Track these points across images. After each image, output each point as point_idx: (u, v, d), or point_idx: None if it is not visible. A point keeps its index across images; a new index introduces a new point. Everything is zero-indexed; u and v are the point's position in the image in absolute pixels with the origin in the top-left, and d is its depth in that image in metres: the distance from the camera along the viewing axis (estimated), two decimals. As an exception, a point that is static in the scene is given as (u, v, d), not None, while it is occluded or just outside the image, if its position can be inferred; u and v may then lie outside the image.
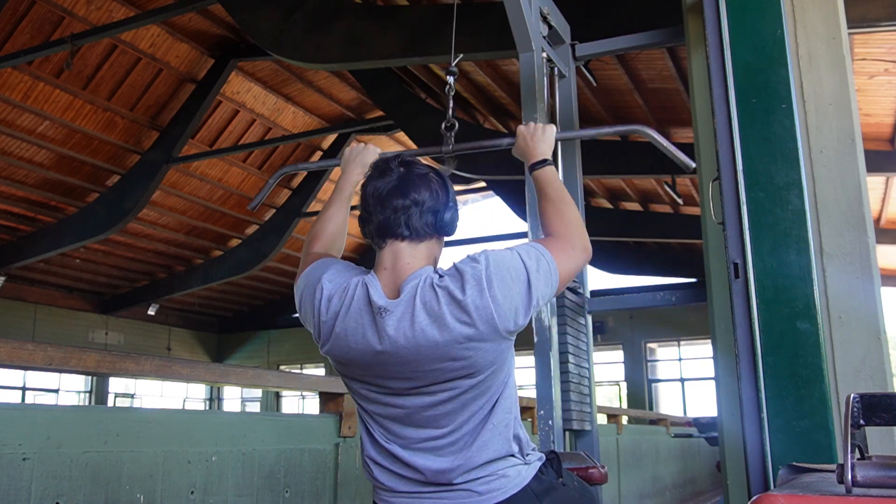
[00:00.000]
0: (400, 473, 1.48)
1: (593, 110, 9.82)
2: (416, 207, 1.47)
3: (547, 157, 1.81)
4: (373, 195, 1.50)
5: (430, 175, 1.52)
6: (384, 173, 1.51)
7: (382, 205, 1.47)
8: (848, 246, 2.52)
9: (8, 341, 1.84)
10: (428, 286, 1.40)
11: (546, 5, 2.97)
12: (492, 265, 1.39)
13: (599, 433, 3.14)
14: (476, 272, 1.38)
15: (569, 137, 2.25)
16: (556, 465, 1.58)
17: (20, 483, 1.79)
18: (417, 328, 1.37)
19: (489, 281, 1.37)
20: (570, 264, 1.52)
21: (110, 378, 15.61)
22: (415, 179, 1.49)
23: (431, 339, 1.36)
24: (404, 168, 1.51)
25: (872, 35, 6.41)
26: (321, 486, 2.78)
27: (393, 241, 1.48)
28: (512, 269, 1.40)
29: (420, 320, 1.37)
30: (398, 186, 1.48)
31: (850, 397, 1.14)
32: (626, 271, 15.52)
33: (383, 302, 1.41)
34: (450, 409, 1.43)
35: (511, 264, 1.41)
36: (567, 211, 1.63)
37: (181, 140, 11.77)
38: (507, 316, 1.37)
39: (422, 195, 1.48)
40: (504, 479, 1.45)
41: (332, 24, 7.28)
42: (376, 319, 1.40)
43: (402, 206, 1.46)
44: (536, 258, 1.45)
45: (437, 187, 1.51)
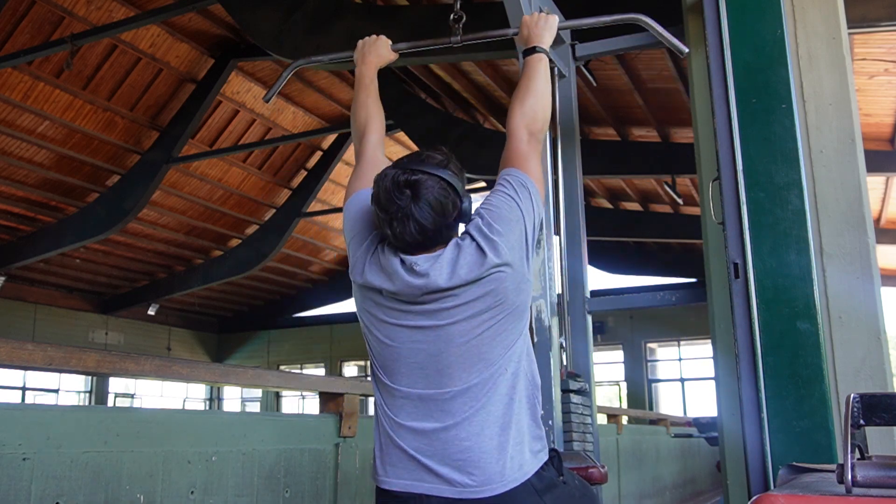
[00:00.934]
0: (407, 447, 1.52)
1: (593, 110, 9.82)
2: (438, 229, 1.51)
3: (542, 44, 1.91)
4: (390, 229, 1.50)
5: (437, 188, 1.50)
6: (393, 200, 1.48)
7: (406, 237, 1.50)
8: (848, 246, 2.52)
9: (8, 341, 1.84)
10: (453, 246, 1.54)
11: (546, 5, 2.96)
12: (485, 214, 1.56)
13: (599, 433, 3.13)
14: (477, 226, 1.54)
15: (568, 26, 2.35)
16: (558, 462, 1.58)
17: (20, 483, 1.79)
18: (446, 270, 1.50)
19: (491, 226, 1.53)
20: (532, 162, 1.69)
21: (110, 378, 15.61)
22: (425, 207, 1.48)
23: (459, 274, 1.49)
24: (411, 190, 1.48)
25: (872, 35, 6.41)
26: (321, 486, 2.78)
27: (421, 251, 1.54)
28: (503, 205, 1.58)
29: (447, 266, 1.50)
30: (415, 219, 1.48)
31: (850, 397, 1.14)
32: (626, 271, 15.53)
33: (413, 258, 1.52)
34: (465, 353, 1.50)
35: (500, 202, 1.59)
36: (524, 101, 1.77)
37: (181, 140, 11.76)
38: (516, 245, 1.54)
39: (438, 216, 1.50)
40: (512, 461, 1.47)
41: (332, 24, 7.28)
42: (407, 270, 1.52)
43: (424, 234, 1.50)
44: (512, 184, 1.62)
45: (448, 194, 1.51)
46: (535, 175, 1.67)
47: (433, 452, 1.48)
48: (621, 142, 10.60)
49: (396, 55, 2.17)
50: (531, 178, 1.64)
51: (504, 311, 1.52)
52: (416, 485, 1.48)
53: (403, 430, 1.52)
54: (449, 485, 1.46)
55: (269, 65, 11.71)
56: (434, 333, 1.52)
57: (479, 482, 1.44)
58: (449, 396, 1.49)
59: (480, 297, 1.50)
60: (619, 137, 10.60)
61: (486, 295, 1.50)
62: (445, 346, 1.50)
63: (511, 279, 1.52)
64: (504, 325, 1.52)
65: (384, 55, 2.13)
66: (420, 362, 1.52)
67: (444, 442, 1.48)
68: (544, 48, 1.91)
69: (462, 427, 1.47)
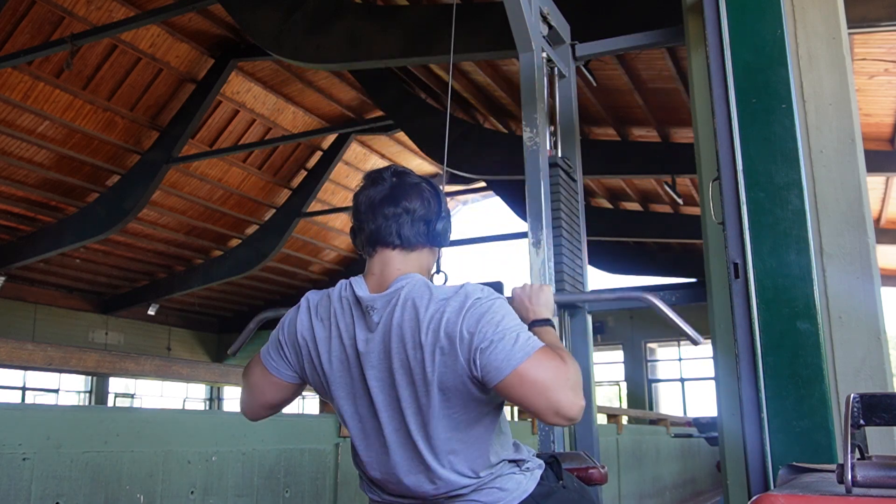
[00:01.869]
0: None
1: (593, 110, 9.82)
2: (407, 216, 1.47)
3: (546, 316, 1.68)
4: (364, 203, 1.49)
5: (422, 185, 1.52)
6: (376, 182, 1.50)
7: (374, 213, 1.47)
8: (848, 246, 2.52)
9: (8, 341, 1.84)
10: (421, 283, 1.40)
11: (546, 5, 2.96)
12: (493, 303, 1.36)
13: (599, 433, 3.14)
14: (474, 296, 1.36)
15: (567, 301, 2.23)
16: (556, 468, 1.58)
17: (20, 483, 1.79)
18: (398, 315, 1.37)
19: (480, 310, 1.33)
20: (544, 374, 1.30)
21: (110, 378, 15.61)
22: (407, 188, 1.49)
23: (412, 327, 1.36)
24: (396, 178, 1.51)
25: (872, 35, 6.41)
26: (321, 486, 2.78)
27: (383, 250, 1.48)
28: (505, 319, 1.35)
29: (402, 309, 1.37)
30: (390, 195, 1.47)
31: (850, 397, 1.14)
32: (626, 271, 15.52)
33: (367, 295, 1.42)
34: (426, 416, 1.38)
35: (506, 316, 1.36)
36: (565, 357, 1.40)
37: (181, 140, 11.77)
38: (470, 351, 1.32)
39: (413, 203, 1.48)
40: (502, 491, 1.43)
41: (332, 24, 7.28)
42: (365, 315, 1.41)
43: (392, 214, 1.46)
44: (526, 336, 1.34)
45: (430, 196, 1.51)
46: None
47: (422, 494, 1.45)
48: (621, 142, 10.60)
49: None
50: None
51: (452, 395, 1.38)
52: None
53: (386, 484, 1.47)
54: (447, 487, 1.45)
55: (269, 65, 11.71)
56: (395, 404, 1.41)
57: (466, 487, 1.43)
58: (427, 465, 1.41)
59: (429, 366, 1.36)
60: (619, 137, 10.60)
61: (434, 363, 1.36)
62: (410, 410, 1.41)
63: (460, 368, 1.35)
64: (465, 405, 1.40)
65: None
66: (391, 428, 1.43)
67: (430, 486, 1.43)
68: (551, 321, 1.70)
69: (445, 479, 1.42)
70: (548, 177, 2.86)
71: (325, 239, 16.68)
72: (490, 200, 16.69)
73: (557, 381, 1.30)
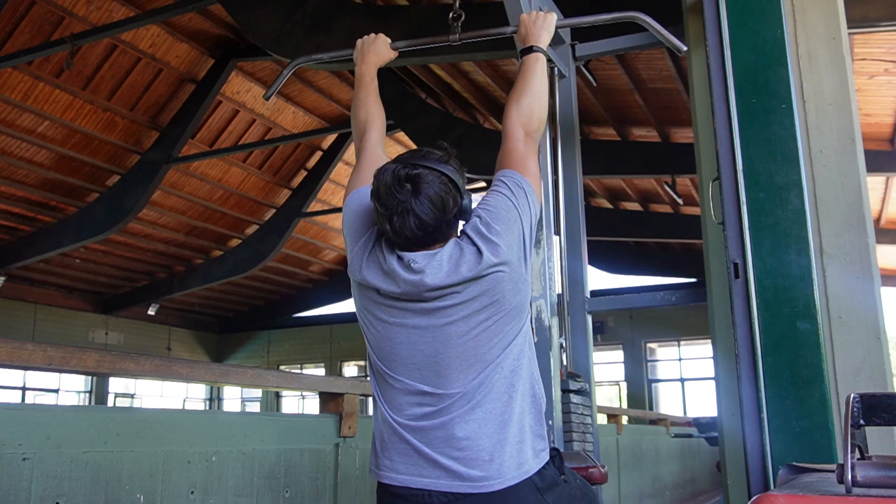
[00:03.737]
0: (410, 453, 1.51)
1: (593, 110, 9.82)
2: (438, 226, 1.49)
3: (540, 43, 1.92)
4: (389, 224, 1.48)
5: (438, 183, 1.48)
6: (394, 198, 1.46)
7: (405, 232, 1.49)
8: (848, 246, 2.52)
9: (8, 341, 1.84)
10: (452, 245, 1.53)
11: (546, 5, 2.96)
12: (483, 214, 1.55)
13: (599, 433, 3.13)
14: (475, 226, 1.53)
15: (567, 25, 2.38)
16: (559, 462, 1.59)
17: (20, 483, 1.79)
18: (444, 268, 1.49)
19: (489, 226, 1.53)
20: (529, 161, 1.68)
21: (110, 378, 15.60)
22: (425, 201, 1.46)
23: (457, 272, 1.49)
24: (411, 184, 1.46)
25: (872, 35, 6.41)
26: (321, 486, 2.78)
27: (420, 248, 1.53)
28: (500, 205, 1.57)
29: (445, 263, 1.50)
30: (415, 214, 1.46)
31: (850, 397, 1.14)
32: (626, 271, 15.52)
33: (411, 255, 1.52)
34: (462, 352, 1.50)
35: (497, 202, 1.58)
36: (520, 100, 1.76)
37: (181, 140, 11.76)
38: (513, 245, 1.53)
39: (439, 211, 1.48)
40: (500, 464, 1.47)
41: (332, 24, 7.28)
42: (405, 268, 1.52)
43: (424, 230, 1.48)
44: (508, 185, 1.61)
45: (449, 189, 1.50)
46: (533, 175, 1.66)
47: (432, 448, 1.48)
48: (621, 142, 10.60)
49: (396, 53, 2.19)
50: (528, 179, 1.64)
51: (502, 311, 1.51)
52: (415, 479, 1.48)
53: (402, 426, 1.52)
54: (449, 479, 1.46)
55: (269, 65, 11.71)
56: (431, 333, 1.51)
57: (478, 477, 1.44)
58: (447, 395, 1.49)
59: (478, 296, 1.50)
60: (619, 137, 10.60)
61: (484, 294, 1.50)
62: (443, 347, 1.50)
63: (508, 279, 1.51)
64: (502, 325, 1.52)
65: (383, 54, 2.14)
66: (418, 363, 1.52)
67: (443, 438, 1.48)
68: (542, 47, 1.91)
69: (460, 425, 1.47)
70: (549, 177, 2.86)
71: (325, 239, 16.67)
72: (490, 200, 16.64)
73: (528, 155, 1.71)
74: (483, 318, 1.50)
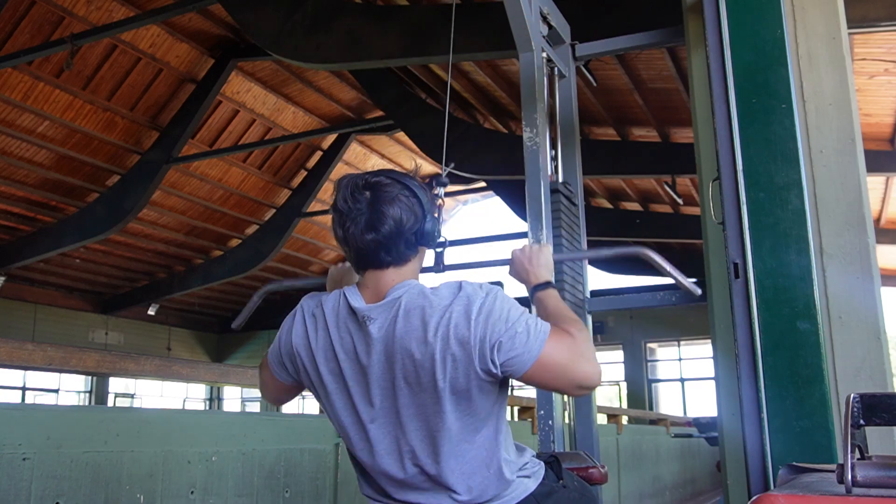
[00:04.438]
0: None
1: (593, 110, 9.82)
2: (391, 238, 1.38)
3: (547, 279, 1.67)
4: (346, 233, 1.39)
5: (399, 195, 1.39)
6: (352, 206, 1.37)
7: (355, 239, 1.38)
8: (848, 246, 2.52)
9: (8, 341, 1.84)
10: (417, 292, 1.37)
11: (546, 5, 2.96)
12: (495, 300, 1.35)
13: (599, 433, 3.13)
14: (476, 297, 1.34)
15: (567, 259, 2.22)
16: (556, 467, 1.58)
17: (20, 483, 1.79)
18: (401, 326, 1.34)
19: (486, 311, 1.33)
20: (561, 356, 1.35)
21: (110, 378, 15.61)
22: (384, 208, 1.37)
23: (417, 337, 1.33)
24: (371, 192, 1.38)
25: (872, 35, 6.41)
26: (321, 486, 2.78)
27: (374, 270, 1.42)
28: (511, 312, 1.35)
29: (405, 320, 1.34)
30: (370, 220, 1.37)
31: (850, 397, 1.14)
32: (626, 271, 15.52)
33: (363, 306, 1.38)
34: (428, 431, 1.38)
35: (511, 309, 1.36)
36: (572, 328, 1.43)
37: (181, 140, 11.77)
38: (485, 352, 1.32)
39: (394, 223, 1.37)
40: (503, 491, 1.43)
41: (332, 24, 7.28)
42: (362, 326, 1.38)
43: (377, 242, 1.37)
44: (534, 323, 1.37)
45: (410, 204, 1.40)
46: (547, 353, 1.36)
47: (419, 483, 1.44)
48: (621, 142, 10.60)
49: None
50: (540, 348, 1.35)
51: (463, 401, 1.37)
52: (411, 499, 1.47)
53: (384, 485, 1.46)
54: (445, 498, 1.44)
55: (269, 65, 11.71)
56: (396, 408, 1.40)
57: (474, 496, 1.42)
58: (427, 466, 1.41)
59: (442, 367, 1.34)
60: (619, 137, 10.60)
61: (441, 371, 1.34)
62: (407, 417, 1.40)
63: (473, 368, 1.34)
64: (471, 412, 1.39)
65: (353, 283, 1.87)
66: (389, 433, 1.42)
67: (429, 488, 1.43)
68: (553, 283, 1.69)
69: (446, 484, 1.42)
70: (548, 178, 2.86)
71: (325, 239, 16.68)
72: (490, 200, 16.70)
73: (573, 359, 1.36)
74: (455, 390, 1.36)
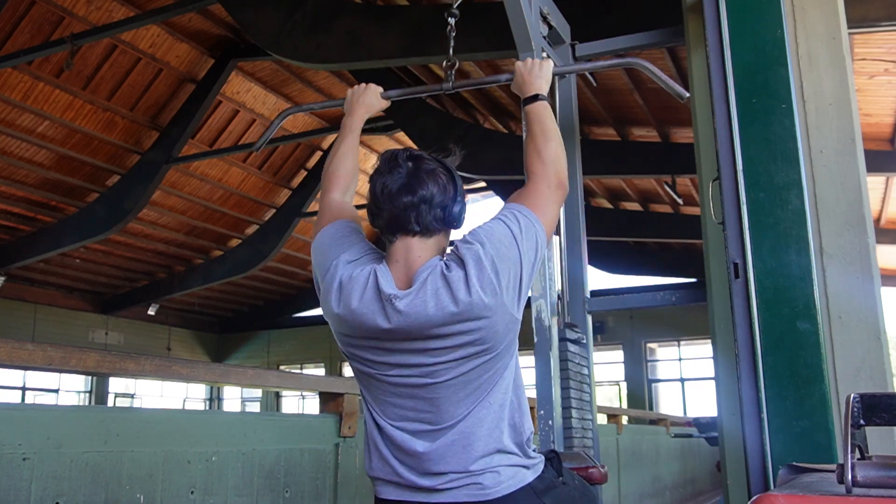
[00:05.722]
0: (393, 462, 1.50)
1: (593, 110, 9.82)
2: (425, 204, 1.48)
3: (541, 91, 1.84)
4: (382, 192, 1.50)
5: (438, 170, 1.52)
6: (392, 169, 1.50)
7: (392, 202, 1.48)
8: (848, 246, 2.52)
9: (8, 341, 1.84)
10: (439, 275, 1.45)
11: (546, 5, 2.96)
12: (487, 243, 1.46)
13: (599, 433, 3.14)
14: (475, 253, 1.44)
15: (566, 71, 2.37)
16: (557, 464, 1.58)
17: (20, 483, 1.79)
18: (430, 305, 1.42)
19: (489, 258, 1.44)
20: (550, 208, 1.59)
21: (110, 378, 15.61)
22: (423, 175, 1.49)
23: (445, 311, 1.41)
24: (412, 163, 1.51)
25: (872, 35, 6.41)
26: (321, 486, 2.78)
27: (404, 237, 1.50)
28: (504, 239, 1.48)
29: (430, 300, 1.43)
30: (407, 183, 1.48)
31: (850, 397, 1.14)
32: (626, 271, 15.52)
33: (393, 291, 1.45)
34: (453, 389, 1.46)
35: (502, 235, 1.48)
36: (545, 148, 1.67)
37: (181, 140, 11.76)
38: (510, 285, 1.45)
39: (430, 191, 1.48)
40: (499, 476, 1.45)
41: (332, 24, 7.28)
42: (385, 306, 1.45)
43: (411, 204, 1.47)
44: (519, 221, 1.52)
45: (446, 182, 1.52)
46: (548, 222, 1.58)
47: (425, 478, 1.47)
48: (621, 142, 10.59)
49: (387, 103, 2.11)
50: (543, 224, 1.55)
51: (491, 352, 1.46)
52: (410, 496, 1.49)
53: (394, 457, 1.51)
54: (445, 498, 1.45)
55: (269, 65, 11.71)
56: (419, 370, 1.47)
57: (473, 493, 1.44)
58: (438, 430, 1.47)
59: (466, 336, 1.43)
60: (619, 137, 10.59)
61: (472, 332, 1.43)
62: (431, 381, 1.47)
63: (500, 320, 1.44)
64: (492, 363, 1.47)
65: (374, 104, 2.07)
66: (408, 393, 1.49)
67: (436, 471, 1.46)
68: (546, 96, 1.83)
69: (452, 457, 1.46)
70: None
71: (325, 239, 16.66)
72: (490, 200, 16.71)
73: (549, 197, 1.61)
74: (471, 358, 1.45)
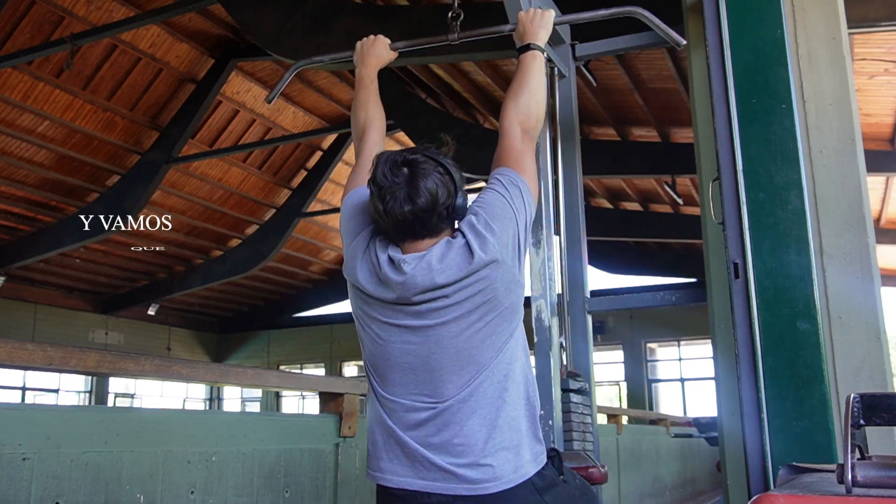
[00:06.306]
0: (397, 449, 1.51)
1: (593, 110, 9.81)
2: (428, 211, 1.49)
3: (538, 41, 1.91)
4: (381, 200, 1.50)
5: (435, 172, 1.51)
6: (391, 175, 1.50)
7: (394, 215, 1.50)
8: (848, 246, 2.52)
9: (8, 341, 1.84)
10: (444, 242, 1.53)
11: (545, 4, 2.96)
12: (480, 211, 1.55)
13: (599, 433, 3.13)
14: (470, 223, 1.53)
15: (565, 21, 2.39)
16: (558, 462, 1.59)
17: (20, 483, 1.79)
18: (434, 266, 1.49)
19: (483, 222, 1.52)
20: (527, 160, 1.68)
21: (110, 378, 15.61)
22: (420, 181, 1.49)
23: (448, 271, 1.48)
24: (408, 168, 1.50)
25: (872, 35, 6.41)
26: (321, 486, 2.78)
27: (412, 241, 1.54)
28: (496, 202, 1.57)
29: (436, 263, 1.49)
30: (408, 194, 1.48)
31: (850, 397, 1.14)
32: (626, 271, 15.52)
33: (401, 256, 1.53)
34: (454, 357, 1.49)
35: (493, 199, 1.58)
36: (516, 98, 1.76)
37: (181, 140, 11.75)
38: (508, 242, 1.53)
39: (431, 198, 1.49)
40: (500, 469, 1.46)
41: (332, 24, 7.27)
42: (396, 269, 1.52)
43: (414, 214, 1.49)
44: (504, 184, 1.60)
45: (446, 181, 1.52)
46: (529, 174, 1.65)
47: (429, 450, 1.48)
48: (621, 142, 10.59)
49: (396, 54, 2.18)
50: (524, 177, 1.63)
51: (494, 312, 1.50)
52: (413, 481, 1.49)
53: (398, 429, 1.52)
54: (446, 482, 1.46)
55: (269, 65, 11.71)
56: (424, 334, 1.51)
57: (475, 479, 1.44)
58: (442, 400, 1.49)
59: (469, 296, 1.49)
60: (619, 137, 10.59)
61: (475, 294, 1.49)
62: (436, 348, 1.50)
63: (501, 278, 1.50)
64: (494, 326, 1.51)
65: (383, 55, 2.14)
66: (411, 364, 1.52)
67: (439, 443, 1.48)
68: (539, 45, 1.91)
69: (455, 430, 1.47)
70: (549, 177, 2.85)
71: (325, 239, 16.67)
72: (490, 200, 16.65)
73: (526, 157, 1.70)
74: (475, 319, 1.49)
